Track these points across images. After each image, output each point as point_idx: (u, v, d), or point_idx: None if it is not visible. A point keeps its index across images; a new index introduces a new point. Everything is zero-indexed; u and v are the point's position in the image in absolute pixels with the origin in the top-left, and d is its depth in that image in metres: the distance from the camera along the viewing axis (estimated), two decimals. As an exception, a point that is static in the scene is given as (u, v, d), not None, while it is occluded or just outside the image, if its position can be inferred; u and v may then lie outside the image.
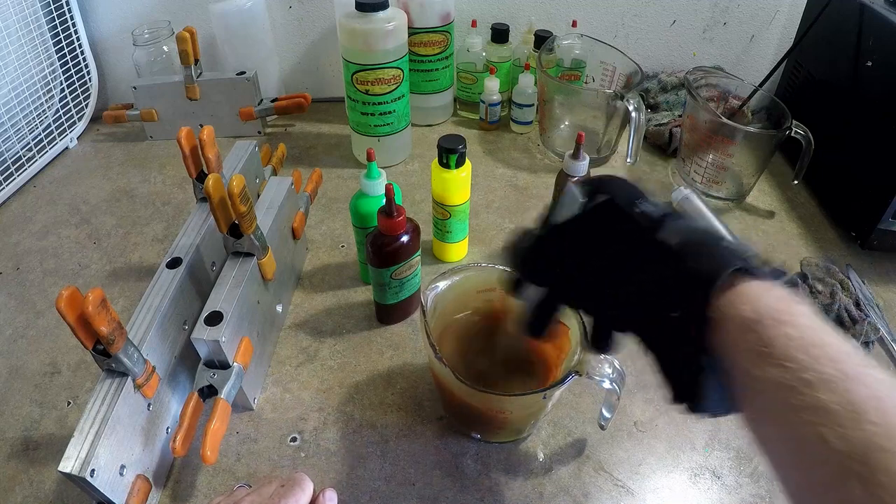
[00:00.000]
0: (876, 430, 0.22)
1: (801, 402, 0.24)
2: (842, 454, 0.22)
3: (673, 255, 0.30)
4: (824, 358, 0.24)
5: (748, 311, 0.27)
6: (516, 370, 0.53)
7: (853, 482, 0.22)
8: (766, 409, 0.27)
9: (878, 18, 0.66)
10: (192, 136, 0.54)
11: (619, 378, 0.43)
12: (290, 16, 0.95)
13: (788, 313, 0.27)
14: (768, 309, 0.27)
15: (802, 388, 0.24)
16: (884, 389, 0.23)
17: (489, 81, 0.87)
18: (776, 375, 0.25)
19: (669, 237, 0.31)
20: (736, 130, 0.70)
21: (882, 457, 0.21)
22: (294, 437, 0.51)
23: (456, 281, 0.49)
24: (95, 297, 0.37)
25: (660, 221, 0.32)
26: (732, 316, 0.28)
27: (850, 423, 0.22)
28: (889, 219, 0.65)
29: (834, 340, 0.25)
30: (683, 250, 0.30)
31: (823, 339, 0.25)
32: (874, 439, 0.22)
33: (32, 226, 0.76)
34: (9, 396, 0.55)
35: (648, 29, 0.96)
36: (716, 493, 0.47)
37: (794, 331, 0.26)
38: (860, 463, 0.22)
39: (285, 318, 0.62)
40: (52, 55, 0.88)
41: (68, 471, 0.37)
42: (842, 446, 0.22)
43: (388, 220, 0.52)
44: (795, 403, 0.24)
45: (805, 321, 0.26)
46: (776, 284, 0.28)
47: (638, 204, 0.33)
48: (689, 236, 0.31)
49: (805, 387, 0.24)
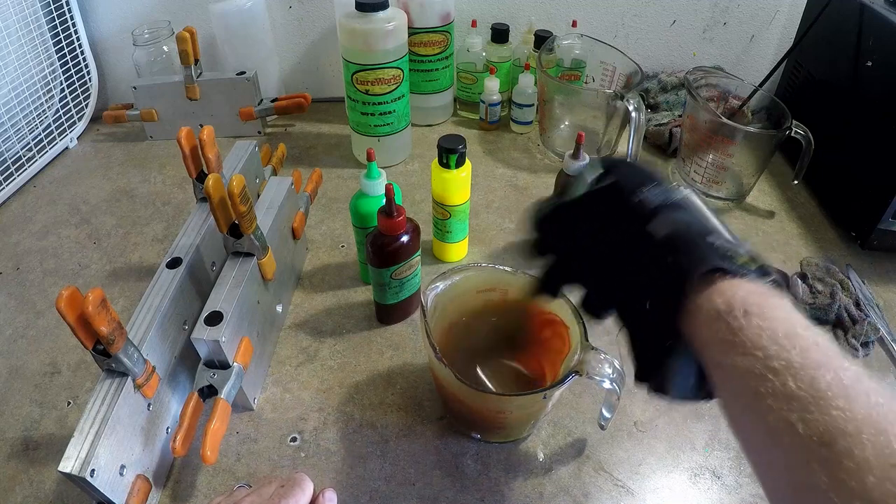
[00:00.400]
0: (841, 415, 0.22)
1: (768, 390, 0.24)
2: (807, 439, 0.23)
3: (655, 248, 0.31)
4: (792, 347, 0.25)
5: (719, 303, 0.28)
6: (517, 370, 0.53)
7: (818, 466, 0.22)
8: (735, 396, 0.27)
9: (878, 18, 0.66)
10: (192, 136, 0.54)
11: (619, 378, 0.43)
12: (290, 16, 0.95)
13: (760, 305, 0.27)
14: (740, 301, 0.27)
15: (770, 376, 0.25)
16: (850, 377, 0.24)
17: (489, 81, 0.88)
18: (744, 364, 0.26)
19: (658, 229, 0.32)
20: (736, 130, 0.70)
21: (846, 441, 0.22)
22: (294, 437, 0.51)
23: (456, 281, 0.49)
24: (95, 297, 0.37)
25: (654, 212, 0.32)
26: (704, 307, 0.28)
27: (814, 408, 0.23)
28: (889, 219, 0.65)
29: (804, 332, 0.26)
30: (666, 244, 0.31)
31: (794, 331, 0.26)
32: (839, 424, 0.22)
33: (32, 226, 0.76)
34: (9, 396, 0.55)
35: (648, 29, 0.96)
36: (716, 493, 0.47)
37: (763, 322, 0.26)
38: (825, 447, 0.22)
39: (285, 318, 0.62)
40: (52, 55, 0.88)
41: (68, 471, 0.37)
42: (807, 431, 0.23)
43: (388, 220, 0.52)
44: (763, 391, 0.25)
45: (776, 313, 0.27)
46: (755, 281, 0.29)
47: (640, 191, 0.33)
48: (676, 230, 0.31)
49: (772, 374, 0.25)
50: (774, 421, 0.24)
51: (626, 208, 0.33)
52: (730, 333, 0.27)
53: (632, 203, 0.33)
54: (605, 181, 0.35)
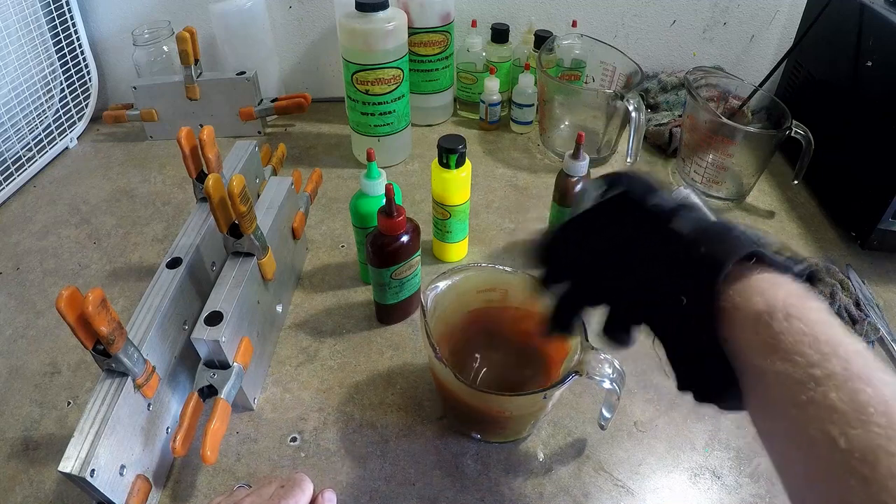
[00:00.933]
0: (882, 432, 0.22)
1: (808, 398, 0.24)
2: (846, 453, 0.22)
3: (684, 243, 0.30)
4: (834, 355, 0.24)
5: (759, 304, 0.27)
6: (517, 370, 0.53)
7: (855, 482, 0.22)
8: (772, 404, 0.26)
9: (878, 18, 0.66)
10: (192, 136, 0.54)
11: (619, 378, 0.43)
12: (290, 16, 0.95)
13: (800, 308, 0.26)
14: (780, 302, 0.27)
15: (810, 384, 0.24)
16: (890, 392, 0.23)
17: (489, 81, 0.87)
18: (784, 369, 0.25)
19: (682, 226, 0.31)
20: (736, 130, 0.70)
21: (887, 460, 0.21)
22: (294, 437, 0.51)
23: (456, 281, 0.49)
24: (95, 297, 0.37)
25: (673, 212, 0.32)
26: (743, 307, 0.27)
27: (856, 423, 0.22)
28: (889, 219, 0.65)
29: (845, 338, 0.25)
30: (695, 238, 0.30)
31: (834, 337, 0.25)
32: (880, 441, 0.22)
33: (32, 226, 0.76)
34: (9, 396, 0.55)
35: (648, 29, 0.96)
36: (716, 493, 0.47)
37: (805, 326, 0.26)
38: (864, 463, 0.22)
39: (285, 318, 0.62)
40: (52, 55, 0.88)
41: (68, 471, 0.37)
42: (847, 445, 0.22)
43: (388, 220, 0.52)
44: (803, 399, 0.24)
45: (816, 316, 0.26)
46: (790, 277, 0.28)
47: (651, 197, 0.33)
48: (701, 225, 0.31)
49: (813, 382, 0.24)
50: (814, 431, 0.23)
51: (646, 212, 0.33)
52: (770, 337, 0.26)
53: (649, 206, 0.33)
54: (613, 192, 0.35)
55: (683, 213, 0.32)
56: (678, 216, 0.32)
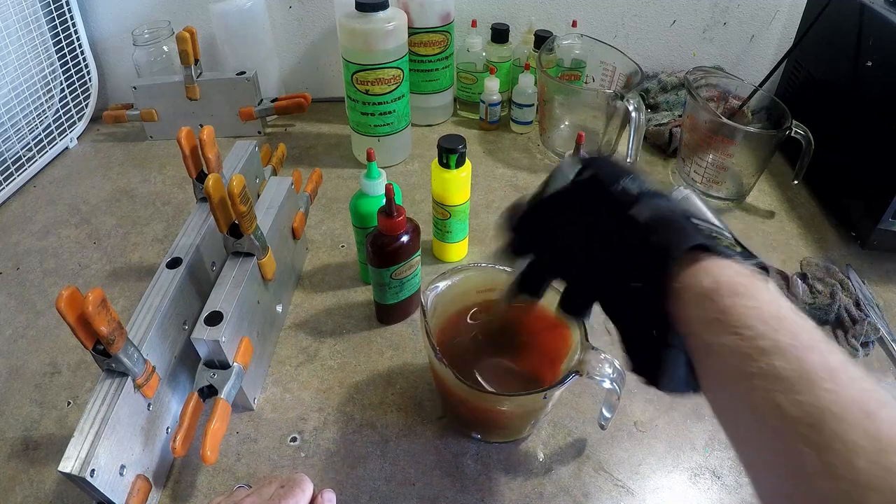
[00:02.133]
0: (829, 396, 0.22)
1: (755, 369, 0.24)
2: (795, 420, 0.22)
3: (639, 229, 0.31)
4: (780, 329, 0.25)
5: (707, 282, 0.28)
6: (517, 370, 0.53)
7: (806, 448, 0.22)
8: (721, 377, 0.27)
9: (878, 18, 0.66)
10: (192, 136, 0.54)
11: (620, 378, 0.43)
12: (290, 16, 0.95)
13: (747, 286, 0.27)
14: (727, 280, 0.27)
15: (757, 356, 0.24)
16: (837, 360, 0.24)
17: (489, 81, 0.87)
18: (731, 342, 0.25)
19: (640, 213, 0.32)
20: (736, 130, 0.70)
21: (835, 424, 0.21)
22: (294, 437, 0.51)
23: (456, 281, 0.49)
24: (95, 297, 0.37)
25: (636, 199, 0.33)
26: (692, 286, 0.28)
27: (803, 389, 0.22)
28: (889, 219, 0.65)
29: (792, 315, 0.26)
30: (649, 225, 0.31)
31: (780, 313, 0.26)
32: (827, 405, 0.22)
33: (32, 226, 0.76)
34: (9, 396, 0.55)
35: (648, 29, 0.96)
36: (716, 493, 0.47)
37: (752, 301, 0.26)
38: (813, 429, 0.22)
39: (285, 318, 0.62)
40: (52, 55, 0.88)
41: (68, 471, 0.37)
42: (795, 412, 0.22)
43: (388, 220, 0.52)
44: (750, 370, 0.24)
45: (764, 295, 0.27)
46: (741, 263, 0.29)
47: (621, 181, 0.34)
48: (658, 213, 0.32)
49: (760, 354, 0.24)
50: (761, 401, 0.24)
51: (609, 196, 0.34)
52: (718, 312, 0.26)
53: (614, 191, 0.34)
54: (584, 175, 0.36)
55: (645, 200, 0.32)
56: (640, 203, 0.32)
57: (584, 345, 0.44)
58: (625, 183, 0.34)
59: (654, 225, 0.31)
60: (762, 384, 0.24)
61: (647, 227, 0.31)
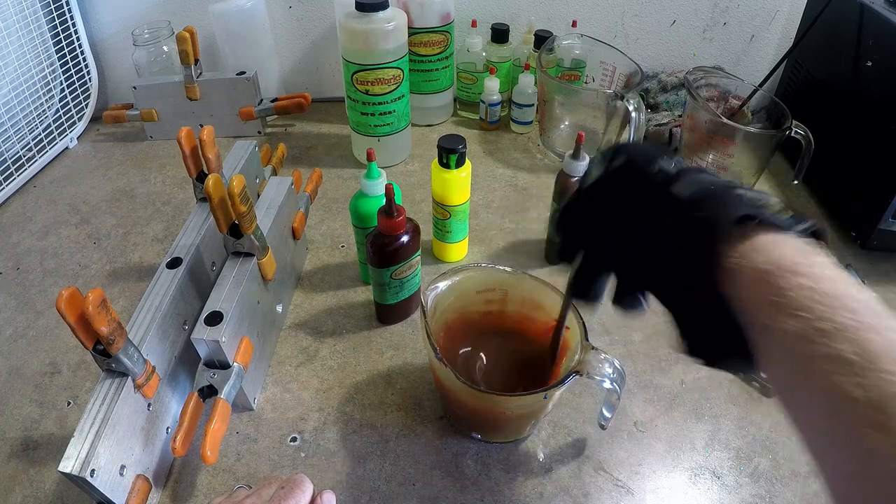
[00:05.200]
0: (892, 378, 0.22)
1: (816, 352, 0.24)
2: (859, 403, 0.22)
3: (683, 206, 0.30)
4: (840, 308, 0.24)
5: (761, 262, 0.27)
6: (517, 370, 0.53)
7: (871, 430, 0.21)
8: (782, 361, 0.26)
9: (878, 18, 0.66)
10: (192, 136, 0.54)
11: (620, 378, 0.43)
12: (290, 16, 0.95)
13: (804, 264, 0.26)
14: (783, 259, 0.26)
15: (817, 338, 0.24)
16: None
17: (489, 81, 0.87)
18: (791, 326, 0.25)
19: (682, 190, 0.31)
20: (736, 130, 0.70)
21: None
22: (294, 437, 0.51)
23: (456, 281, 0.49)
24: (95, 297, 0.37)
25: (675, 177, 0.32)
26: (746, 267, 0.27)
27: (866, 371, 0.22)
28: (889, 219, 0.65)
29: (852, 291, 0.25)
30: (694, 200, 0.30)
31: (840, 290, 0.25)
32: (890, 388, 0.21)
33: (32, 226, 0.76)
34: (9, 396, 0.55)
35: (648, 29, 0.96)
36: (716, 493, 0.47)
37: (810, 281, 0.25)
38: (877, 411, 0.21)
39: (285, 318, 0.62)
40: (52, 55, 0.88)
41: (68, 471, 0.37)
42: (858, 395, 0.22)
43: (388, 220, 0.52)
44: (811, 353, 0.24)
45: (821, 272, 0.26)
46: (793, 235, 0.28)
47: (656, 162, 0.33)
48: (701, 187, 0.31)
49: (820, 336, 0.24)
50: (823, 384, 0.23)
51: (647, 178, 0.32)
52: (776, 294, 0.25)
53: (651, 172, 0.32)
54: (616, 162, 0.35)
55: (685, 177, 0.31)
56: (680, 180, 0.31)
57: (585, 345, 0.44)
58: (661, 163, 0.33)
59: (698, 200, 0.30)
60: (823, 367, 0.23)
61: (690, 203, 0.30)
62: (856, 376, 0.22)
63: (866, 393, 0.22)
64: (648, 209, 0.32)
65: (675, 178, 0.31)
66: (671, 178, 0.32)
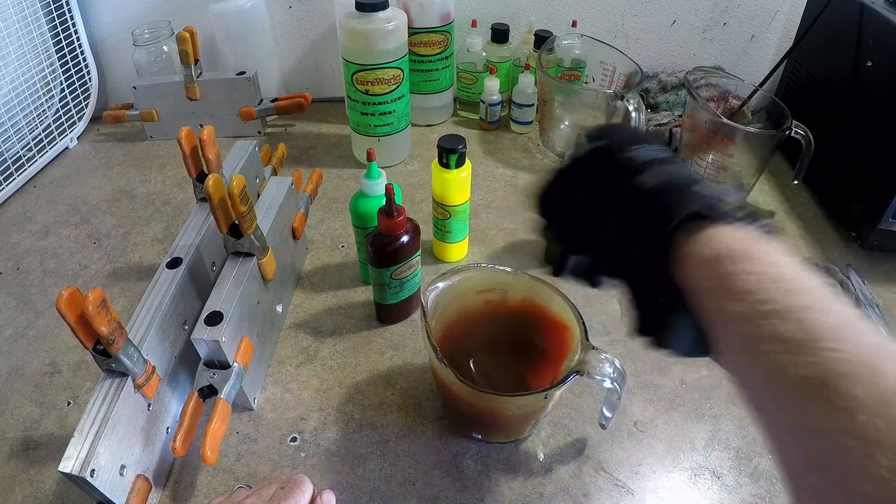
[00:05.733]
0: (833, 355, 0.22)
1: (758, 334, 0.24)
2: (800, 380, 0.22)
3: (643, 196, 0.32)
4: (783, 291, 0.25)
5: (708, 251, 0.28)
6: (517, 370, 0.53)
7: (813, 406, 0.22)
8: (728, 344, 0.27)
9: (878, 18, 0.66)
10: (192, 136, 0.54)
11: (620, 377, 0.43)
12: (290, 16, 0.95)
13: (749, 251, 0.27)
14: (731, 247, 0.28)
15: (759, 320, 0.25)
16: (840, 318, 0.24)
17: (489, 81, 0.87)
18: (735, 308, 0.26)
19: (647, 180, 0.32)
20: (736, 130, 0.70)
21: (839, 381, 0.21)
22: (294, 437, 0.51)
23: (456, 282, 0.49)
24: (95, 297, 0.37)
25: (644, 166, 0.33)
26: (696, 254, 0.29)
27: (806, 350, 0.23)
28: (889, 219, 0.65)
29: (797, 275, 0.26)
30: (654, 193, 0.31)
31: (784, 274, 0.26)
32: (831, 365, 0.22)
33: (32, 226, 0.76)
34: (9, 396, 0.55)
35: (648, 29, 0.96)
36: (716, 493, 0.47)
37: (753, 266, 0.26)
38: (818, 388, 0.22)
39: (285, 318, 0.62)
40: (52, 55, 0.88)
41: (68, 471, 0.37)
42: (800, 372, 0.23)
43: (388, 220, 0.52)
44: (754, 335, 0.25)
45: (769, 258, 0.27)
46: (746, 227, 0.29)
47: (630, 149, 0.34)
48: (664, 180, 0.32)
49: (762, 318, 0.24)
50: (768, 365, 0.24)
51: (617, 164, 0.34)
52: (720, 280, 0.27)
53: (622, 159, 0.34)
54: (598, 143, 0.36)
55: (653, 168, 0.33)
56: (647, 170, 0.32)
57: (585, 344, 0.44)
58: (636, 149, 0.34)
59: (658, 191, 0.31)
60: (767, 347, 0.24)
61: (651, 193, 0.31)
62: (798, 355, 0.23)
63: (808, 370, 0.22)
64: (612, 195, 0.34)
65: (644, 167, 0.33)
66: (639, 167, 0.33)
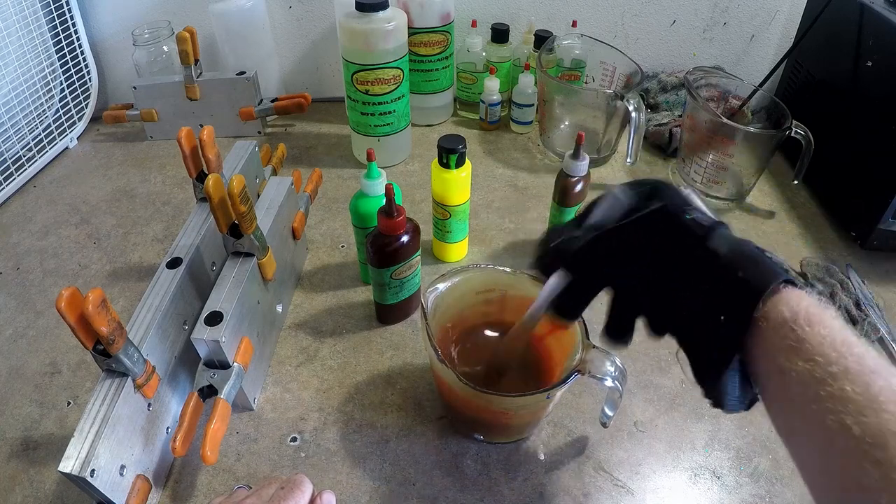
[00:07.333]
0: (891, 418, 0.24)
1: (826, 393, 0.26)
2: (860, 439, 0.24)
3: (723, 264, 0.32)
4: (849, 354, 0.27)
5: (786, 313, 0.30)
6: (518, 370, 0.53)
7: (869, 465, 0.24)
8: (794, 401, 0.29)
9: (878, 18, 0.66)
10: (192, 136, 0.54)
11: (621, 376, 0.43)
12: (290, 16, 0.95)
13: (820, 315, 0.29)
14: (803, 311, 0.29)
15: (829, 381, 0.27)
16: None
17: (489, 81, 0.87)
18: (806, 368, 0.28)
19: (719, 246, 0.32)
20: (736, 130, 0.70)
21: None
22: (294, 437, 0.51)
23: (456, 282, 0.49)
24: (95, 297, 0.37)
25: (709, 230, 0.33)
26: (771, 317, 0.30)
27: (868, 411, 0.25)
28: (889, 219, 0.65)
29: (857, 340, 0.28)
30: (733, 260, 0.32)
31: (848, 339, 0.28)
32: (890, 426, 0.24)
33: (32, 226, 0.76)
34: (9, 396, 0.55)
35: (648, 29, 0.96)
36: (716, 493, 0.47)
37: (825, 330, 0.28)
38: (877, 448, 0.24)
39: (285, 318, 0.62)
40: (52, 55, 0.88)
41: (68, 471, 0.37)
42: (860, 432, 0.25)
43: (388, 220, 0.52)
44: (822, 394, 0.27)
45: (832, 323, 0.29)
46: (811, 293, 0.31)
47: (689, 212, 0.34)
48: (736, 247, 0.33)
49: (831, 379, 0.27)
50: (831, 423, 0.26)
51: (684, 229, 0.33)
52: (795, 340, 0.29)
53: (687, 223, 0.33)
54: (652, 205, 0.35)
55: (718, 233, 0.33)
56: (713, 235, 0.33)
57: (586, 344, 0.44)
58: (694, 213, 0.34)
59: (738, 259, 0.32)
60: (833, 406, 0.26)
61: (730, 263, 0.32)
62: (861, 415, 0.25)
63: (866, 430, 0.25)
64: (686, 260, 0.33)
65: (709, 232, 0.33)
66: (705, 231, 0.33)
